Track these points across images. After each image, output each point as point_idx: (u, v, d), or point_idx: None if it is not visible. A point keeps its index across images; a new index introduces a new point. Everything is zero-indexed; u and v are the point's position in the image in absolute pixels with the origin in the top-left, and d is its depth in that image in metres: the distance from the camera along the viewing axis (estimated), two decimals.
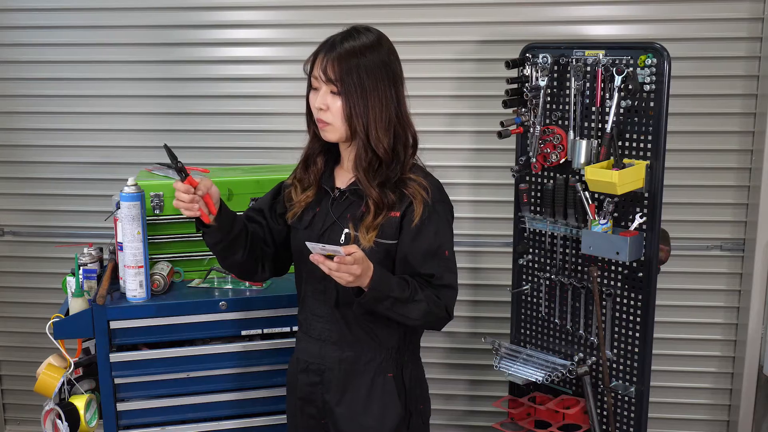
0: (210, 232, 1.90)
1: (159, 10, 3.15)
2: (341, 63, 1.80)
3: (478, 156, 3.17)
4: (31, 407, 3.45)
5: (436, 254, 1.88)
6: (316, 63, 1.85)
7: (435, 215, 1.89)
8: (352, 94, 1.80)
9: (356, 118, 1.82)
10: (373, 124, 1.83)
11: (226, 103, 3.21)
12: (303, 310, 2.02)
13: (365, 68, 1.81)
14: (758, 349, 3.09)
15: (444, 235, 1.91)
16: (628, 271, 2.46)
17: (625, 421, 2.53)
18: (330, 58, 1.81)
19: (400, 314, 1.83)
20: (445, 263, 1.90)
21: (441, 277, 1.89)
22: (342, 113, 1.82)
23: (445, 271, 1.89)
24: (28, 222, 3.38)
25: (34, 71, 3.25)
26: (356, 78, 1.80)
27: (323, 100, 1.84)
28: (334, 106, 1.83)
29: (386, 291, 1.77)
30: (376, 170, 1.86)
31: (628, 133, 2.39)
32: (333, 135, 1.88)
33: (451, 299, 1.91)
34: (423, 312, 1.84)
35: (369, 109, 1.82)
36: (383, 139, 1.84)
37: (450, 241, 1.94)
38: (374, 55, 1.83)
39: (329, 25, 1.96)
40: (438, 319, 1.91)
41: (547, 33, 3.02)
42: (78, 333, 2.35)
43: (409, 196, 1.87)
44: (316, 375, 1.98)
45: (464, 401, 3.40)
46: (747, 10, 2.93)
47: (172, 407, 2.42)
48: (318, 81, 1.85)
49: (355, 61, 1.80)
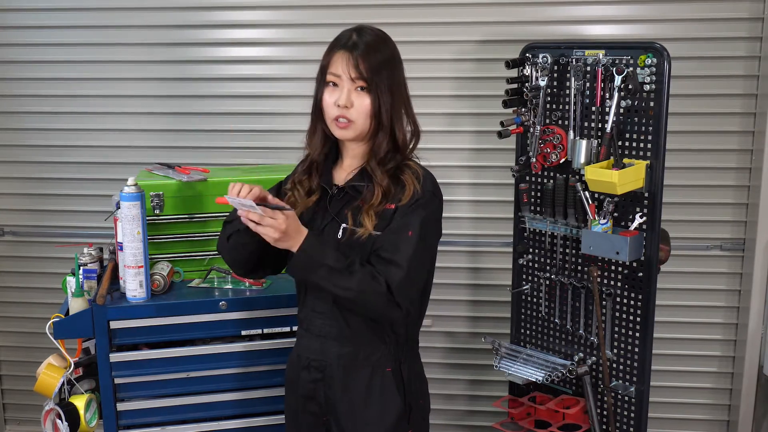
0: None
1: (159, 10, 3.15)
2: (369, 60, 1.83)
3: (478, 156, 3.17)
4: (31, 407, 3.45)
5: (399, 232, 1.84)
6: (335, 61, 1.86)
7: (418, 202, 1.87)
8: (382, 89, 1.84)
9: (384, 114, 1.85)
10: (397, 117, 1.88)
11: (227, 103, 3.21)
12: (304, 307, 2.03)
13: (389, 64, 1.86)
14: (758, 349, 3.09)
15: (414, 219, 1.85)
16: (628, 271, 2.46)
17: (625, 421, 2.53)
18: (357, 55, 1.83)
19: (333, 285, 1.79)
20: (402, 242, 1.83)
21: (391, 252, 1.81)
22: (369, 110, 1.85)
23: (398, 249, 1.82)
24: (28, 222, 3.38)
25: (34, 71, 3.25)
26: (384, 74, 1.84)
27: (348, 97, 1.84)
28: (360, 103, 1.85)
29: (319, 257, 1.77)
30: (390, 159, 1.90)
31: (628, 133, 2.39)
32: (352, 132, 1.88)
33: (395, 276, 1.80)
34: (357, 282, 1.78)
35: (395, 103, 1.87)
36: (404, 129, 1.90)
37: (418, 225, 1.85)
38: (390, 51, 1.89)
39: (329, 25, 1.96)
40: (377, 295, 1.80)
41: (547, 33, 3.02)
42: (78, 333, 2.35)
43: (402, 187, 1.88)
44: (318, 371, 1.99)
45: (464, 401, 3.40)
46: (747, 10, 2.94)
47: (172, 407, 2.42)
48: (340, 79, 1.85)
49: (380, 57, 1.85)
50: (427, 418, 2.09)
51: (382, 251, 1.83)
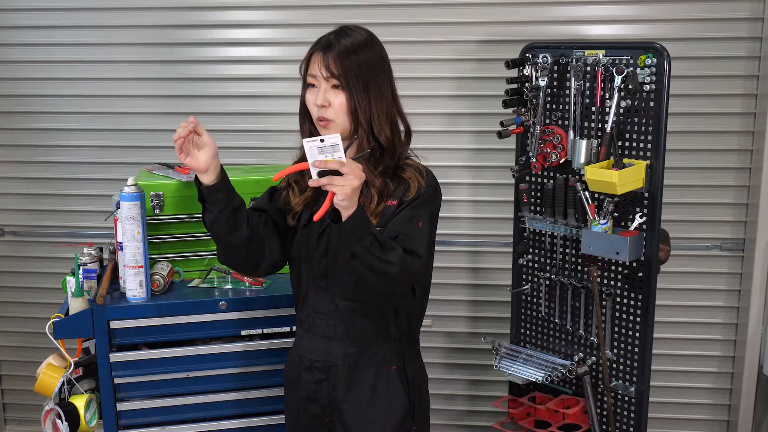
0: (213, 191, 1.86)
1: (159, 9, 3.15)
2: (342, 58, 1.83)
3: (478, 156, 3.17)
4: (31, 407, 3.45)
5: (409, 222, 1.84)
6: (312, 62, 1.88)
7: (425, 197, 1.89)
8: (355, 87, 1.84)
9: (360, 111, 1.85)
10: (375, 115, 1.87)
11: (226, 103, 3.21)
12: (304, 308, 2.02)
13: (365, 63, 1.86)
14: (758, 349, 3.09)
15: (420, 209, 1.87)
16: (628, 271, 2.46)
17: (625, 421, 2.53)
18: (331, 54, 1.84)
19: (377, 257, 1.72)
20: (416, 232, 1.84)
21: (409, 240, 1.80)
22: (346, 108, 1.85)
23: (413, 238, 1.82)
24: (28, 222, 3.38)
25: (34, 71, 3.25)
26: (358, 72, 1.84)
27: (324, 96, 1.85)
28: (336, 101, 1.85)
29: (367, 225, 1.72)
30: (378, 159, 1.90)
31: (628, 133, 2.39)
32: (334, 132, 1.87)
33: (415, 264, 1.79)
34: (399, 257, 1.75)
35: (371, 101, 1.86)
36: (384, 128, 1.88)
37: (427, 217, 1.87)
38: (370, 51, 1.88)
39: (329, 25, 1.96)
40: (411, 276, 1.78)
41: (547, 33, 3.02)
42: (78, 333, 2.35)
43: (404, 183, 1.88)
44: (322, 372, 1.98)
45: (464, 401, 3.40)
46: (747, 10, 2.94)
47: (172, 407, 2.42)
48: (317, 79, 1.86)
49: (355, 57, 1.85)
50: (428, 416, 2.10)
51: (401, 241, 1.80)
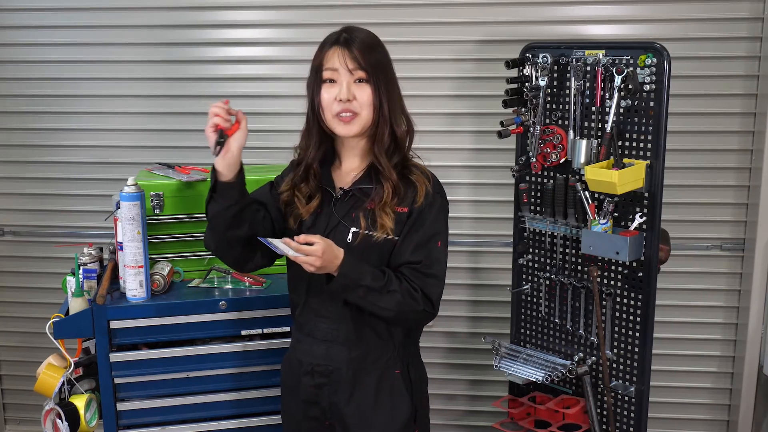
0: (227, 189, 1.84)
1: (158, 9, 3.15)
2: (365, 52, 1.85)
3: (478, 156, 3.17)
4: (31, 407, 3.45)
5: (428, 243, 1.89)
6: (328, 58, 1.86)
7: (434, 205, 1.91)
8: (380, 80, 1.86)
9: (385, 104, 1.87)
10: (395, 108, 1.90)
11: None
12: (304, 312, 2.00)
13: (384, 59, 1.90)
14: (758, 349, 3.09)
15: (439, 226, 1.92)
16: (628, 271, 2.46)
17: (625, 421, 2.53)
18: (354, 47, 1.85)
19: (372, 303, 1.83)
20: (435, 253, 1.90)
21: (429, 266, 1.88)
22: (371, 100, 1.86)
23: (434, 261, 1.89)
24: (28, 222, 3.38)
25: (34, 71, 3.25)
26: (379, 66, 1.87)
27: (349, 89, 1.85)
28: (362, 94, 1.85)
29: (357, 279, 1.80)
30: (392, 154, 1.92)
31: (628, 132, 2.39)
32: (357, 126, 1.88)
33: (435, 289, 1.89)
34: (396, 303, 1.83)
35: (392, 94, 1.90)
36: (402, 123, 1.92)
37: (444, 233, 1.94)
38: (382, 49, 1.92)
39: (329, 25, 1.96)
40: (415, 313, 1.88)
41: (547, 33, 3.02)
42: (78, 333, 2.35)
43: (412, 186, 1.90)
44: (323, 376, 1.97)
45: (464, 401, 3.40)
46: (747, 10, 2.94)
47: (172, 407, 2.42)
48: (338, 73, 1.85)
49: (374, 52, 1.88)
50: (428, 417, 2.10)
51: (423, 267, 1.87)
